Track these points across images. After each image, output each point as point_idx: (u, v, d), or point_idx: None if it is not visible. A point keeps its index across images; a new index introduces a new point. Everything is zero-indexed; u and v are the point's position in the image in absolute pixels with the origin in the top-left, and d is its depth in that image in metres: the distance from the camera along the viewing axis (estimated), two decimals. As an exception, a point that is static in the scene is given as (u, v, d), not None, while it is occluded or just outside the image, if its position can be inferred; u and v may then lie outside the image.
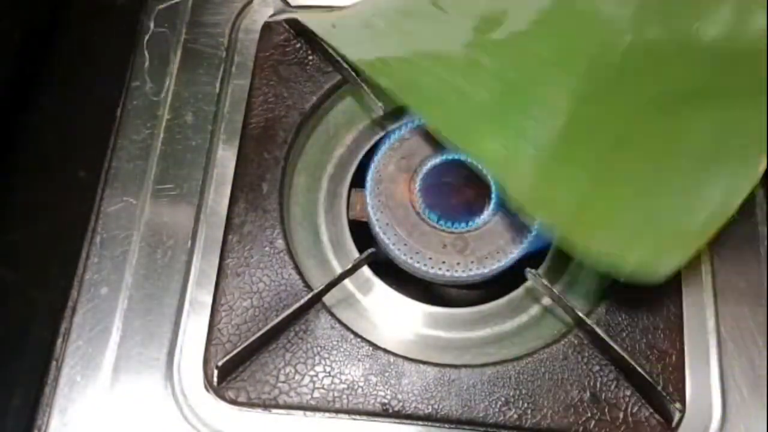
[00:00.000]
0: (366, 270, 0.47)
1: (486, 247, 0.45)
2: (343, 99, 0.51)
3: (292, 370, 0.42)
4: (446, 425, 0.42)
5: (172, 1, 0.53)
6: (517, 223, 0.45)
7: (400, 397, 0.42)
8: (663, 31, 0.46)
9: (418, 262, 0.45)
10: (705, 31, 0.45)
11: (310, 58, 0.51)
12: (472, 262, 0.45)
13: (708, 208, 0.42)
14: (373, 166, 0.47)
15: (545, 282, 0.44)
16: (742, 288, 0.45)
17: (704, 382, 0.43)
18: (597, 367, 0.43)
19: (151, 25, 0.53)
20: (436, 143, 0.47)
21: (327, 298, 0.45)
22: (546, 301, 0.46)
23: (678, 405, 0.41)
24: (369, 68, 0.48)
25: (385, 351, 0.43)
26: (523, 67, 0.46)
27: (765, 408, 0.42)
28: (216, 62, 0.51)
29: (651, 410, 0.42)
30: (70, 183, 0.49)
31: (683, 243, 0.41)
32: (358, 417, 0.42)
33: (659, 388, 0.41)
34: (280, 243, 0.45)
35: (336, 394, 0.42)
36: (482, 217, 0.46)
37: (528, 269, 0.45)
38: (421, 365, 0.43)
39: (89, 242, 0.46)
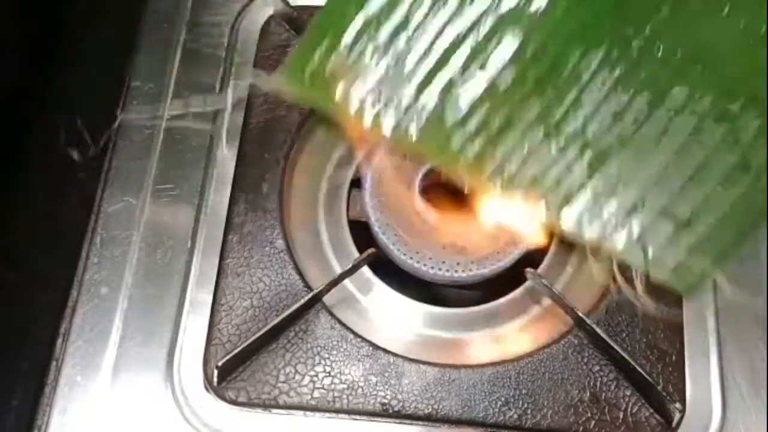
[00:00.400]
0: (366, 270, 0.47)
1: (486, 248, 0.45)
2: (343, 99, 0.51)
3: (292, 370, 0.42)
4: (446, 425, 0.42)
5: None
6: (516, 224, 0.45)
7: (400, 397, 0.42)
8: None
9: (418, 263, 0.45)
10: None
11: (310, 58, 0.51)
12: (472, 262, 0.45)
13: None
14: (373, 167, 0.47)
15: (545, 282, 0.44)
16: (743, 288, 0.45)
17: (704, 382, 0.43)
18: (597, 367, 0.43)
19: (152, 25, 0.53)
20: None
21: (327, 298, 0.45)
22: (546, 301, 0.46)
23: (678, 405, 0.41)
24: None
25: (385, 351, 0.43)
26: None
27: (765, 408, 0.42)
28: (216, 62, 0.51)
29: (651, 410, 0.42)
30: (70, 183, 0.49)
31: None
32: (358, 417, 0.42)
33: (659, 388, 0.41)
34: (280, 243, 0.45)
35: (336, 394, 0.42)
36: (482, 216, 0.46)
37: (528, 269, 0.45)
38: (421, 365, 0.43)
39: (89, 242, 0.46)
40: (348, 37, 0.42)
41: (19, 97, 0.51)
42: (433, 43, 0.42)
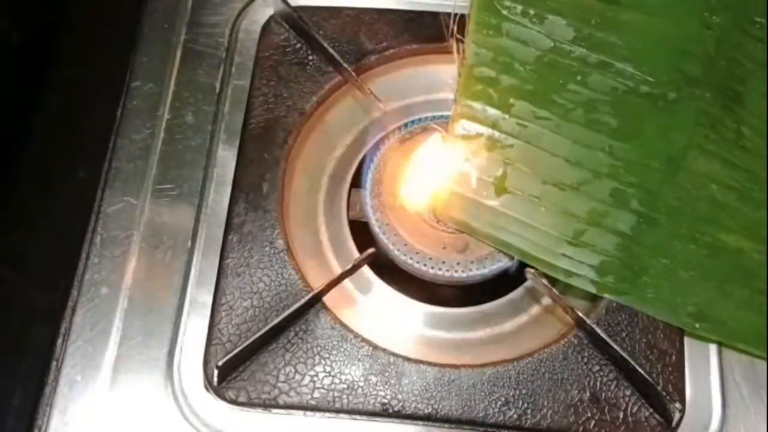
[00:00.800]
0: (366, 270, 0.47)
1: (486, 247, 0.45)
2: (343, 99, 0.51)
3: (292, 370, 0.42)
4: (446, 425, 0.42)
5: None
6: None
7: (400, 397, 0.42)
8: None
9: (418, 263, 0.45)
10: None
11: (310, 58, 0.51)
12: (472, 262, 0.45)
13: None
14: (372, 166, 0.47)
15: (545, 282, 0.44)
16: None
17: (704, 382, 0.43)
18: (597, 367, 0.43)
19: (152, 25, 0.53)
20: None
21: (327, 298, 0.45)
22: (546, 301, 0.46)
23: (678, 405, 0.41)
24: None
25: (385, 351, 0.43)
26: None
27: (765, 408, 0.42)
28: (216, 62, 0.51)
29: (651, 410, 0.42)
30: (70, 183, 0.49)
31: None
32: (358, 417, 0.42)
33: (659, 388, 0.41)
34: (280, 243, 0.45)
35: (336, 394, 0.42)
36: (482, 217, 0.46)
37: (528, 269, 0.45)
38: (421, 365, 0.43)
39: (89, 242, 0.46)
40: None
41: (20, 98, 0.51)
42: None
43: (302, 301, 0.43)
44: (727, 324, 0.43)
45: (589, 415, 0.42)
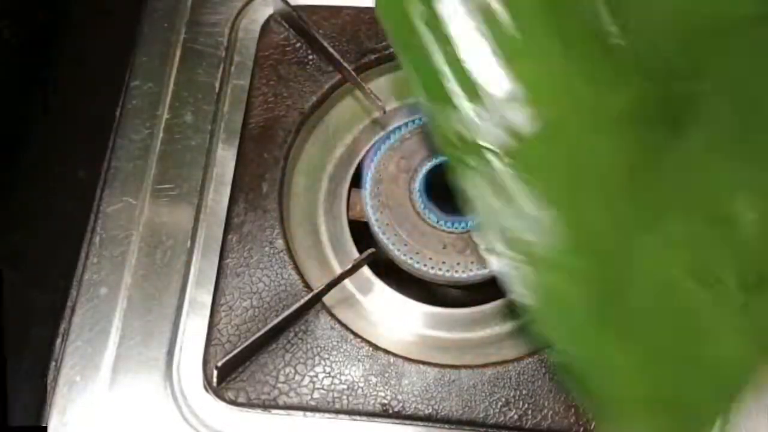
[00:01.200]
0: (366, 270, 0.46)
1: (486, 247, 0.45)
2: (343, 99, 0.51)
3: (292, 371, 0.42)
4: (446, 426, 0.42)
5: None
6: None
7: (400, 397, 0.42)
8: None
9: (418, 263, 0.45)
10: None
11: (310, 58, 0.51)
12: (472, 262, 0.45)
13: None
14: (372, 166, 0.47)
15: (546, 282, 0.44)
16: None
17: (705, 383, 0.43)
18: (597, 368, 0.43)
19: (151, 24, 0.53)
20: (435, 144, 0.47)
21: (327, 299, 0.45)
22: (546, 301, 0.46)
23: (679, 405, 0.41)
24: None
25: (385, 351, 0.43)
26: None
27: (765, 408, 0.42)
28: (216, 62, 0.51)
29: (652, 411, 0.42)
30: (70, 183, 0.49)
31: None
32: (358, 417, 0.42)
33: (660, 388, 0.41)
34: (280, 243, 0.45)
35: (336, 394, 0.42)
36: (482, 217, 0.46)
37: (528, 269, 0.45)
38: (421, 366, 0.42)
39: (89, 242, 0.46)
40: None
41: (20, 98, 0.51)
42: None
43: (302, 301, 0.43)
44: None
45: (589, 415, 0.41)
